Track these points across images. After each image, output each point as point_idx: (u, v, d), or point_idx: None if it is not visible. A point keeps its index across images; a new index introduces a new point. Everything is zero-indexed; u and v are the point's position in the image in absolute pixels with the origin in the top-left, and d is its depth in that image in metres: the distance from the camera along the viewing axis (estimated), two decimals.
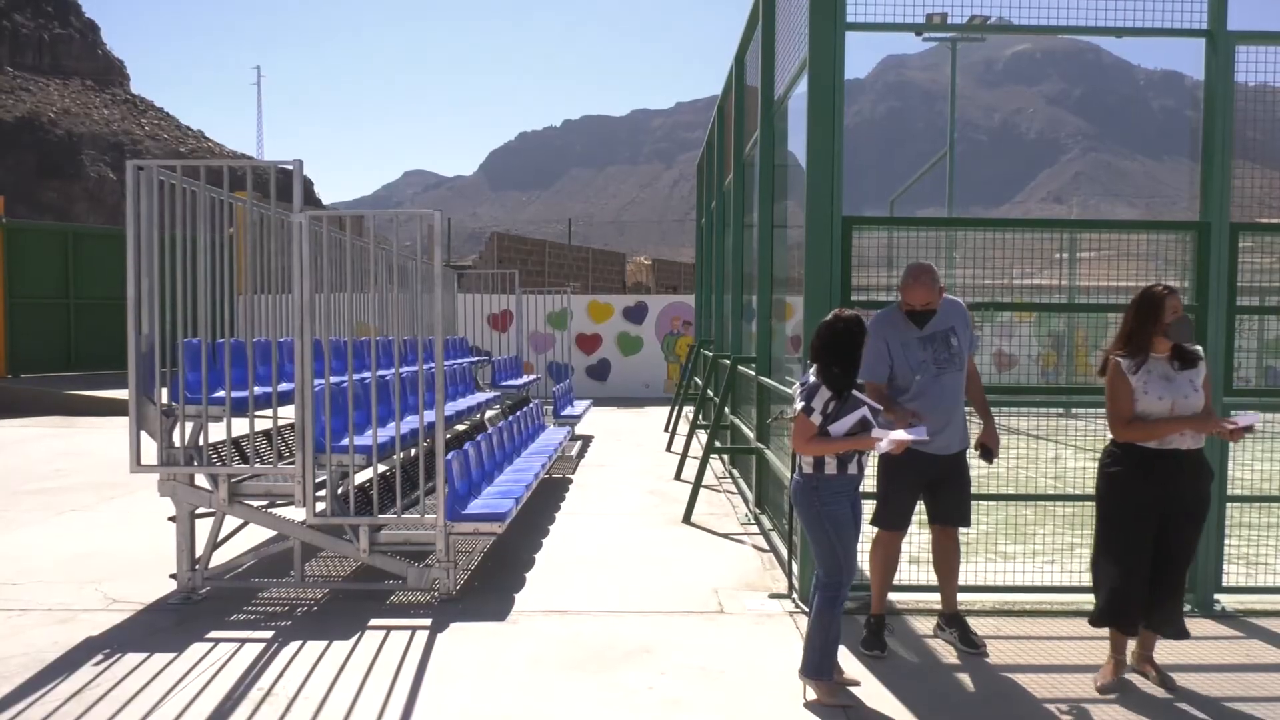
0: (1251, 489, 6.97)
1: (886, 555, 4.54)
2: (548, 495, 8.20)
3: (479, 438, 6.56)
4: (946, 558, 4.59)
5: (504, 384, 11.32)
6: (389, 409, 6.45)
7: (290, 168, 5.24)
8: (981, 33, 7.61)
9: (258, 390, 5.30)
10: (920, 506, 4.57)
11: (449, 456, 5.41)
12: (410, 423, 5.83)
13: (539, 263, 24.72)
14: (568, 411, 11.17)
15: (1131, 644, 4.14)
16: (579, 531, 6.96)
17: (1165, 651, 4.23)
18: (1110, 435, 3.94)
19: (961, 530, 4.58)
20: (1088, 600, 5.04)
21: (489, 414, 10.08)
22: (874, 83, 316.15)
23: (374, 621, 4.87)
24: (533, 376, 14.35)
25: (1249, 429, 3.70)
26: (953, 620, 4.60)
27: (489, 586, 5.53)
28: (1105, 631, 4.13)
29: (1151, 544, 3.87)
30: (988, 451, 4.42)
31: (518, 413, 8.40)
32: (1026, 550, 6.18)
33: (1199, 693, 4.00)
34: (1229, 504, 5.38)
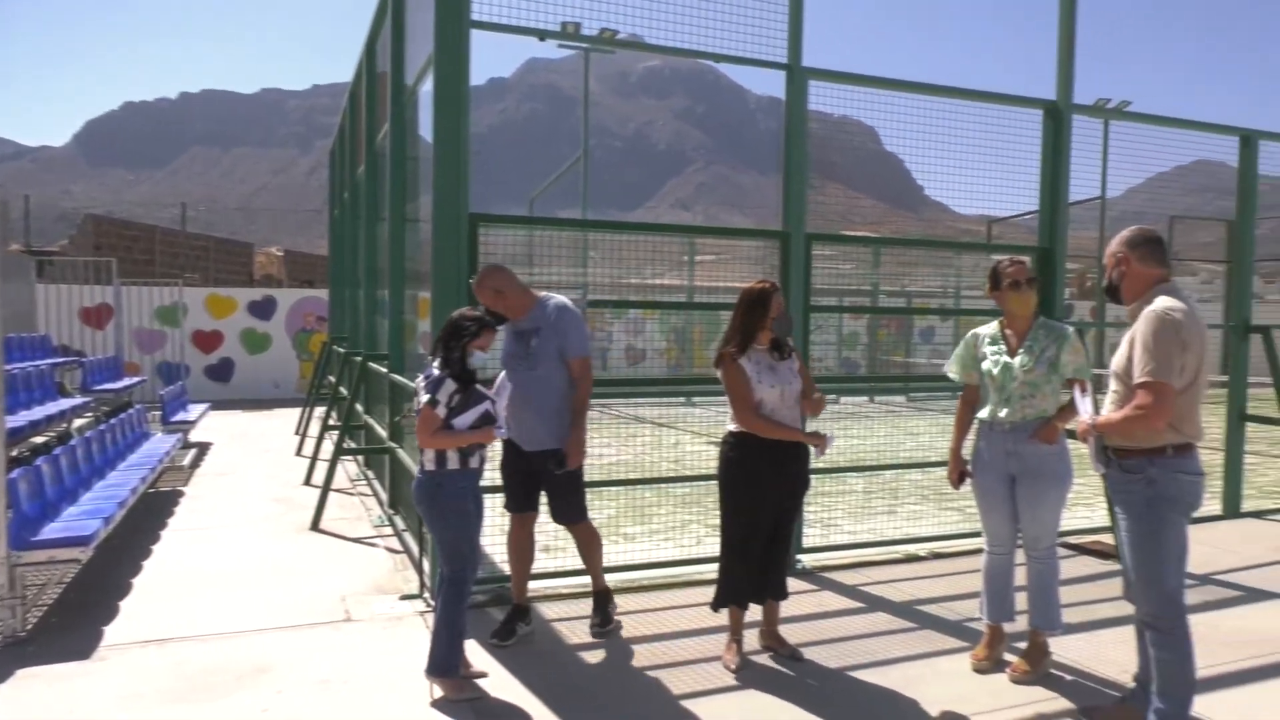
0: (827, 461, 8.09)
1: (515, 541, 4.64)
2: (153, 511, 7.32)
3: (58, 450, 5.68)
4: (578, 546, 4.74)
5: (98, 388, 9.92)
6: None
7: None
8: (608, 45, 8.03)
9: None
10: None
11: (14, 474, 4.61)
12: None
13: (147, 251, 21.97)
14: (180, 417, 10.05)
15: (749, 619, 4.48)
16: (190, 548, 6.30)
17: (756, 609, 4.74)
18: (731, 425, 4.20)
19: (592, 517, 4.72)
20: (698, 571, 5.57)
21: (77, 423, 8.78)
22: (518, 83, 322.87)
23: None
24: (137, 379, 12.76)
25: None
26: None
27: (71, 622, 4.80)
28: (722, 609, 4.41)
29: (767, 527, 4.22)
30: (558, 458, 4.37)
31: (113, 420, 7.40)
32: (647, 530, 6.67)
33: (784, 643, 4.55)
34: (810, 475, 6.19)
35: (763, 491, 4.17)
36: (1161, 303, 3.30)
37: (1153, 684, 3.39)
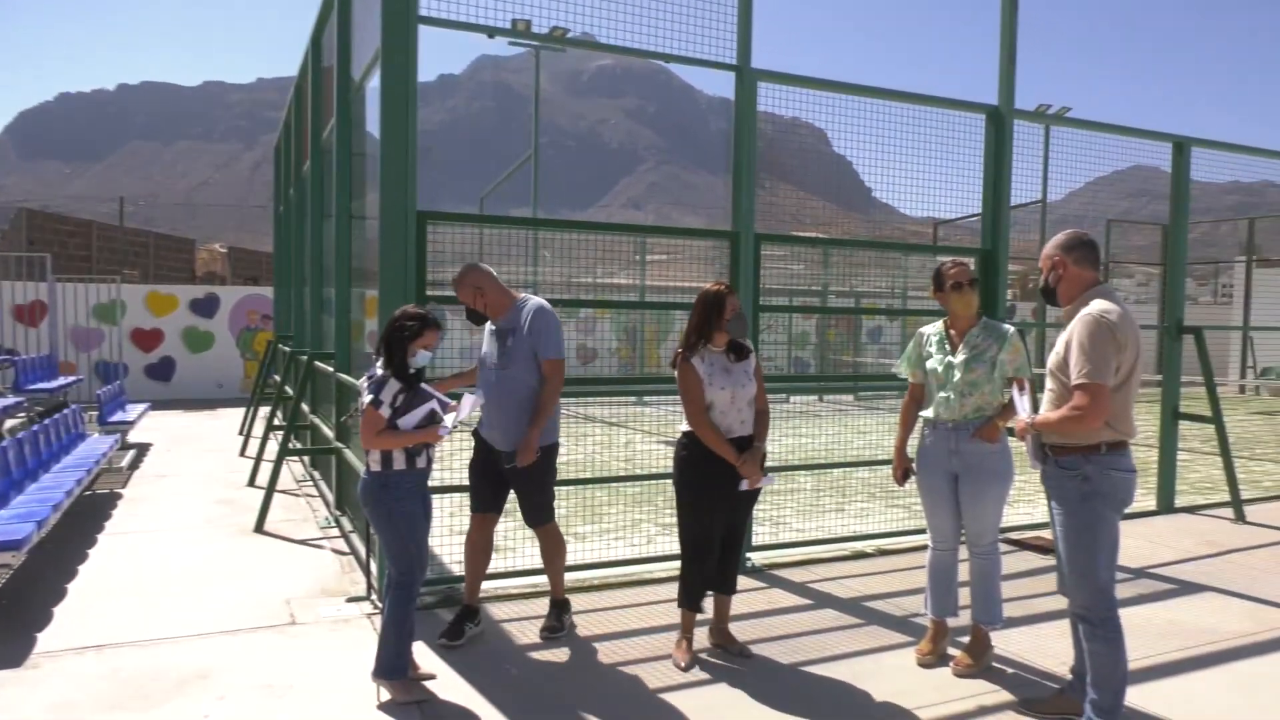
0: (777, 460, 8.18)
1: (474, 542, 4.60)
2: (90, 514, 7.12)
3: None
4: (541, 550, 4.72)
5: (31, 388, 9.62)
6: None
7: None
8: (559, 44, 8.00)
9: None
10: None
11: None
12: None
13: (84, 246, 21.32)
14: (118, 417, 9.79)
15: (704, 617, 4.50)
16: (128, 551, 6.14)
17: (707, 605, 4.76)
18: (685, 425, 4.23)
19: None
20: (649, 570, 5.59)
21: (9, 424, 8.51)
22: (468, 80, 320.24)
23: None
24: (73, 378, 12.41)
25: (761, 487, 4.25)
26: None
27: (2, 629, 4.64)
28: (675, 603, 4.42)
29: (721, 528, 4.27)
30: (509, 454, 4.38)
31: (47, 420, 7.18)
32: (598, 529, 6.67)
33: (733, 640, 4.58)
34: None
35: (716, 491, 4.21)
36: (1097, 305, 3.39)
37: (1088, 675, 3.49)
